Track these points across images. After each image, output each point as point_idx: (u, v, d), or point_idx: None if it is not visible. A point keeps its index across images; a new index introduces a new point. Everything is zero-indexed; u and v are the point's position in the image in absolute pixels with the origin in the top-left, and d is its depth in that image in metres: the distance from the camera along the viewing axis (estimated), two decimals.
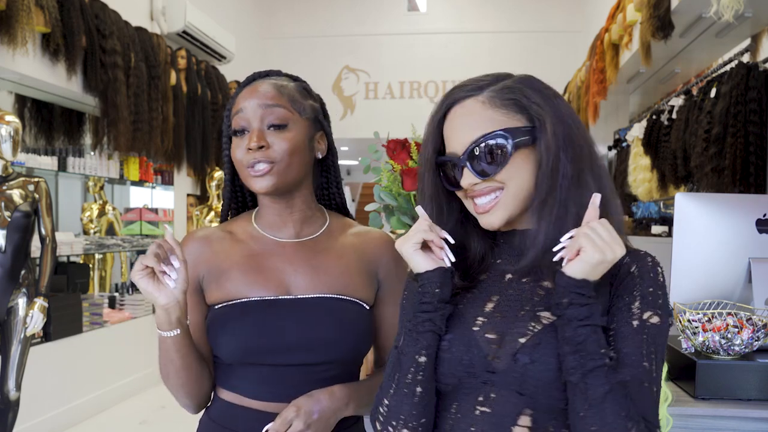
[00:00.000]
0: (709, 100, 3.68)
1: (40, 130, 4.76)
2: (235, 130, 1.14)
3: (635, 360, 0.86)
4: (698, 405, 1.45)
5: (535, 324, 0.89)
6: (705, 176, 3.54)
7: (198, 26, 5.81)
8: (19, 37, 3.53)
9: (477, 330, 0.92)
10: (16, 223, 3.15)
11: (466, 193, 0.96)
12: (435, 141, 0.98)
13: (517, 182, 0.92)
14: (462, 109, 0.95)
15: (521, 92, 0.94)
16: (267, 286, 1.13)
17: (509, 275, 0.97)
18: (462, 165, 0.93)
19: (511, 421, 0.87)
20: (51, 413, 4.04)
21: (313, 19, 8.51)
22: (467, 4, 8.47)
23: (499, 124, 0.93)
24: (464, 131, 0.94)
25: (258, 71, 1.21)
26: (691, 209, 1.63)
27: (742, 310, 1.51)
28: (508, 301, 0.94)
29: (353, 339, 1.13)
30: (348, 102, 8.55)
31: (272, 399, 1.11)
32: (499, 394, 0.89)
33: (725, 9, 3.03)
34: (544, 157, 0.91)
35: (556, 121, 0.92)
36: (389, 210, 1.69)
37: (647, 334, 0.87)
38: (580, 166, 0.92)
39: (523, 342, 0.88)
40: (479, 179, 0.93)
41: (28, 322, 3.16)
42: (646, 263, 0.91)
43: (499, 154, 0.91)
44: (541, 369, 0.86)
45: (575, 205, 0.91)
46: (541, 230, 0.90)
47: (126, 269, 5.86)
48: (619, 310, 0.89)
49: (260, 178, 1.12)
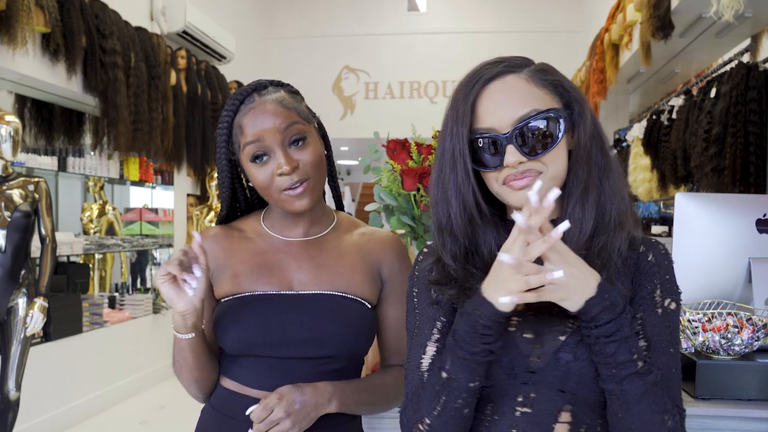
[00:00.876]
0: (709, 100, 3.68)
1: (40, 130, 4.76)
2: (255, 157, 1.14)
3: (664, 348, 0.89)
4: (698, 405, 1.45)
5: (574, 319, 0.88)
6: (705, 176, 3.54)
7: (198, 26, 5.81)
8: (19, 37, 3.53)
9: (513, 330, 0.90)
10: (16, 223, 3.15)
11: (502, 177, 0.90)
12: (470, 118, 0.90)
13: (557, 166, 0.90)
14: (504, 84, 0.90)
15: (558, 75, 0.93)
16: (271, 281, 1.16)
17: None
18: (507, 142, 0.88)
19: (553, 419, 0.87)
20: (51, 413, 4.04)
21: (313, 19, 8.51)
22: (467, 4, 8.46)
23: (546, 103, 0.90)
24: (509, 107, 0.89)
25: (243, 89, 1.17)
26: (691, 209, 1.63)
27: (742, 310, 1.51)
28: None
29: (354, 335, 1.15)
30: (348, 102, 8.55)
31: (268, 388, 1.14)
32: (539, 393, 0.88)
33: (725, 9, 3.03)
34: (582, 144, 0.91)
35: (589, 109, 0.93)
36: (389, 210, 1.69)
37: (670, 321, 0.91)
38: (608, 157, 0.92)
39: (563, 339, 0.88)
40: (526, 158, 0.88)
41: (28, 322, 3.16)
42: (660, 251, 0.94)
43: (550, 134, 0.89)
44: (583, 366, 0.87)
45: (612, 192, 0.91)
46: (587, 215, 0.89)
47: (126, 269, 5.86)
48: (643, 299, 0.91)
49: (298, 199, 1.14)
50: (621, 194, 0.92)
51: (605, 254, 0.89)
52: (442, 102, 8.28)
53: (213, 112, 6.16)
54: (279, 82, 1.21)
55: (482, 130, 0.90)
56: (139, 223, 5.74)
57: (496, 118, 0.89)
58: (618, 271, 0.90)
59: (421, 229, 1.62)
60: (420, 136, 1.69)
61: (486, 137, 0.89)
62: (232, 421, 1.15)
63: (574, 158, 0.91)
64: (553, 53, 7.90)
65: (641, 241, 0.94)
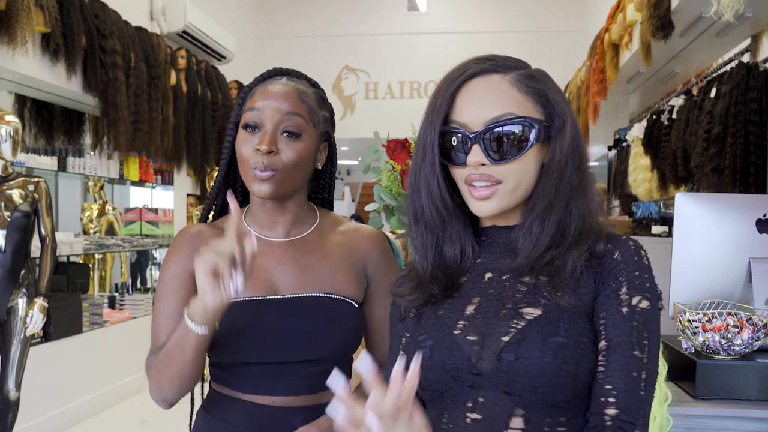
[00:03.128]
0: (709, 100, 3.68)
1: (40, 130, 4.76)
2: (246, 124, 1.14)
3: (625, 349, 0.83)
4: (698, 405, 1.45)
5: (518, 321, 0.86)
6: (705, 176, 3.54)
7: (198, 26, 5.81)
8: (19, 37, 3.53)
9: (458, 333, 0.89)
10: (16, 223, 3.15)
11: (464, 176, 0.89)
12: (446, 110, 0.90)
13: (520, 178, 0.88)
14: (486, 83, 0.89)
15: (547, 84, 0.90)
16: (256, 286, 1.14)
17: (489, 274, 0.93)
18: (474, 141, 0.87)
19: (503, 425, 0.84)
20: (51, 413, 4.04)
21: (313, 19, 8.51)
22: (467, 4, 8.46)
23: (524, 110, 0.88)
24: (485, 106, 0.87)
25: (279, 68, 1.20)
26: (691, 209, 1.63)
27: (742, 310, 1.51)
28: (489, 302, 0.90)
29: (342, 336, 1.15)
30: (348, 102, 8.55)
31: (264, 393, 1.13)
32: (487, 397, 0.85)
33: (725, 9, 3.03)
34: (555, 159, 0.88)
35: (572, 125, 0.89)
36: (389, 210, 1.69)
37: (637, 321, 0.84)
38: (583, 177, 0.89)
39: (506, 340, 0.85)
40: (489, 161, 0.87)
41: (28, 322, 3.16)
42: (629, 248, 0.88)
43: (518, 142, 0.87)
44: (526, 365, 0.83)
45: (578, 213, 0.88)
46: (545, 233, 0.88)
47: (126, 269, 5.86)
48: (606, 298, 0.86)
49: (261, 183, 1.12)
50: (589, 216, 0.89)
51: (552, 269, 0.87)
52: None
53: (213, 112, 6.16)
54: (316, 83, 1.22)
55: (455, 125, 0.89)
56: (139, 223, 5.74)
57: (469, 116, 0.88)
58: (577, 279, 0.86)
59: None
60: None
61: (456, 132, 0.88)
62: (226, 425, 1.14)
63: (545, 172, 0.89)
64: (552, 53, 7.92)
65: (609, 240, 0.89)
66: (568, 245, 0.87)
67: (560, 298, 0.85)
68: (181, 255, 1.17)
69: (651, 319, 0.85)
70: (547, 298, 0.86)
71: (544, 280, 0.87)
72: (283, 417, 1.13)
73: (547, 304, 0.86)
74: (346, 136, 8.19)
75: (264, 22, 8.47)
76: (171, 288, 1.16)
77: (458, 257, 0.94)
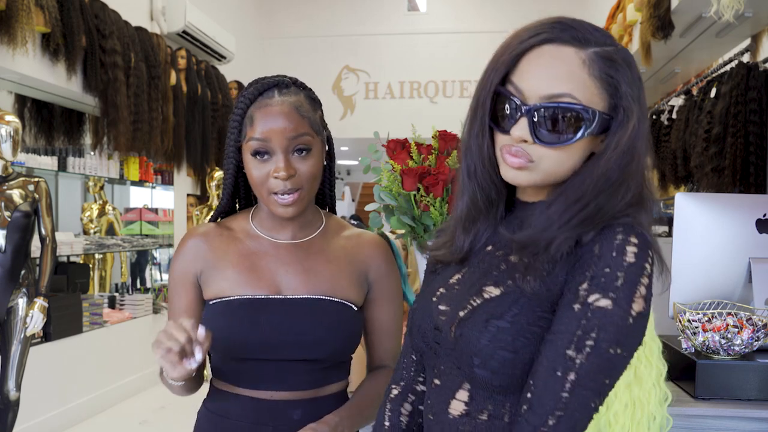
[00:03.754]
0: (709, 100, 3.68)
1: (40, 130, 4.76)
2: (256, 151, 1.14)
3: (559, 346, 0.75)
4: (698, 405, 1.45)
5: (476, 298, 0.84)
6: (705, 176, 3.54)
7: (198, 26, 5.81)
8: (19, 37, 3.53)
9: (435, 301, 0.91)
10: (16, 223, 3.15)
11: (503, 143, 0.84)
12: (506, 69, 0.83)
13: (558, 165, 0.82)
14: (557, 53, 0.81)
15: (623, 74, 0.81)
16: (260, 285, 1.17)
17: (490, 246, 0.90)
18: (524, 114, 0.80)
19: (450, 395, 0.86)
20: (51, 413, 4.04)
21: (313, 19, 8.51)
22: (467, 4, 8.46)
23: (587, 95, 0.80)
24: (548, 79, 0.80)
25: (266, 80, 1.17)
26: (691, 209, 1.63)
27: (742, 310, 1.51)
28: (472, 274, 0.89)
29: (341, 339, 1.18)
30: (348, 102, 8.55)
31: (260, 387, 1.16)
32: (445, 366, 0.87)
33: (725, 9, 3.03)
34: (606, 155, 0.80)
35: (636, 122, 0.81)
36: (389, 210, 1.69)
37: (588, 319, 0.75)
38: (625, 175, 0.81)
39: (461, 315, 0.84)
40: (532, 140, 0.81)
41: (28, 322, 3.16)
42: (612, 241, 0.77)
43: (567, 129, 0.80)
44: (465, 342, 0.81)
45: (598, 216, 0.80)
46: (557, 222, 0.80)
47: (126, 269, 5.86)
48: (567, 291, 0.78)
49: (286, 207, 1.15)
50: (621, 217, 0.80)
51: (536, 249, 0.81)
52: (442, 102, 8.35)
53: (213, 112, 6.16)
54: (303, 84, 1.21)
55: (512, 88, 0.82)
56: (139, 223, 5.74)
57: (530, 84, 0.81)
58: (553, 265, 0.80)
59: (421, 229, 1.62)
60: (420, 136, 1.69)
61: (509, 98, 0.82)
62: (227, 420, 1.18)
63: (590, 165, 0.82)
64: None
65: (602, 231, 0.79)
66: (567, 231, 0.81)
67: (526, 282, 0.81)
68: (185, 258, 1.21)
69: (609, 320, 0.75)
70: (514, 280, 0.83)
71: (525, 262, 0.83)
72: (282, 410, 1.16)
73: (510, 285, 0.83)
74: (346, 136, 8.19)
75: (264, 22, 8.47)
76: (178, 289, 1.22)
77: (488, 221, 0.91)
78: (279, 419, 1.16)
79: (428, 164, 1.60)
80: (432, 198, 1.56)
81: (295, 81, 1.20)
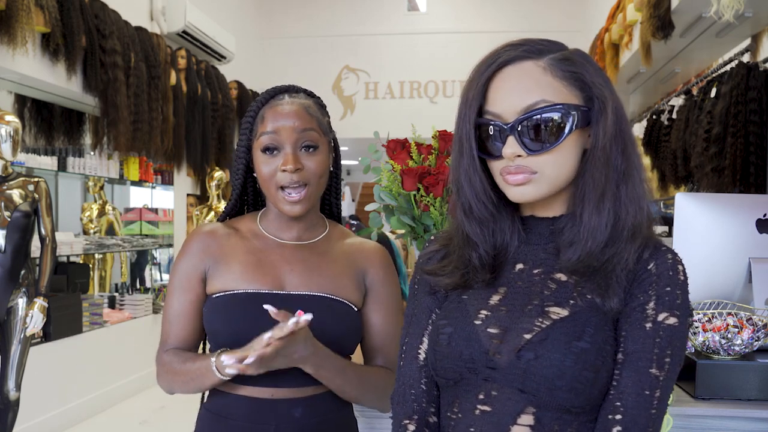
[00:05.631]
0: (709, 100, 3.68)
1: (40, 130, 4.76)
2: (266, 147, 1.19)
3: (642, 366, 0.81)
4: (698, 405, 1.45)
5: (543, 319, 0.84)
6: (705, 176, 3.54)
7: (198, 26, 5.81)
8: (19, 37, 3.53)
9: (479, 324, 0.87)
10: (16, 223, 3.15)
11: (500, 168, 0.86)
12: (479, 101, 0.86)
13: (558, 168, 0.85)
14: (518, 71, 0.85)
15: (583, 67, 0.86)
16: (264, 280, 1.20)
17: (520, 265, 0.90)
18: (509, 132, 0.84)
19: (511, 420, 0.83)
20: (51, 413, 4.04)
21: (313, 19, 8.51)
22: (467, 4, 8.46)
23: (560, 96, 0.84)
24: (519, 95, 0.84)
25: (277, 87, 1.25)
26: (691, 209, 1.63)
27: (742, 310, 1.51)
28: (515, 294, 0.88)
29: (340, 335, 1.20)
30: (348, 102, 8.55)
31: (261, 385, 1.17)
32: (500, 391, 0.84)
33: (725, 9, 3.03)
34: (599, 145, 0.84)
35: (614, 107, 0.85)
36: (389, 210, 1.69)
37: (661, 338, 0.81)
38: (630, 161, 0.85)
39: (528, 338, 0.83)
40: (525, 153, 0.83)
41: (28, 322, 3.16)
42: (666, 260, 0.84)
43: (555, 131, 0.83)
44: (545, 365, 0.81)
45: (629, 202, 0.84)
46: (603, 224, 0.84)
47: (126, 269, 5.86)
48: (632, 310, 0.83)
49: (293, 205, 1.19)
50: (639, 203, 0.85)
51: (610, 266, 0.84)
52: (442, 102, 8.35)
53: (213, 112, 6.16)
54: (312, 93, 1.27)
55: (489, 116, 0.86)
56: (139, 223, 5.74)
57: (503, 105, 0.84)
58: (618, 283, 0.83)
59: (421, 229, 1.62)
60: (420, 136, 1.69)
61: (490, 124, 0.85)
62: (229, 421, 1.18)
63: (591, 159, 0.85)
64: None
65: (650, 248, 0.85)
66: (624, 240, 0.84)
67: (607, 299, 0.82)
68: (191, 256, 1.23)
69: (677, 336, 0.82)
70: (577, 299, 0.84)
71: (577, 280, 0.85)
72: (284, 409, 1.17)
73: (576, 305, 0.84)
74: (346, 136, 8.19)
75: (264, 22, 8.46)
76: (180, 287, 1.23)
77: (506, 246, 0.92)
78: (281, 418, 1.17)
79: (428, 164, 1.60)
80: (432, 198, 1.56)
81: (305, 90, 1.27)
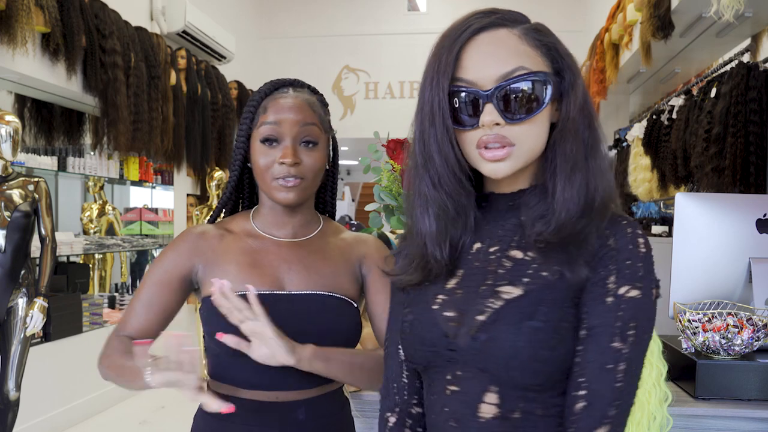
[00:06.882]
0: (709, 100, 3.68)
1: (40, 130, 4.76)
2: (266, 138, 1.19)
3: (604, 340, 0.79)
4: (698, 405, 1.45)
5: (495, 300, 0.83)
6: (705, 176, 3.54)
7: (198, 26, 5.81)
8: (19, 37, 3.53)
9: (436, 309, 0.87)
10: (16, 223, 3.15)
11: (476, 139, 0.83)
12: (452, 69, 0.83)
13: (533, 140, 0.83)
14: (493, 38, 0.83)
15: (555, 38, 0.85)
16: (263, 281, 1.18)
17: (477, 244, 0.89)
18: (487, 100, 0.81)
19: (478, 398, 0.83)
20: (51, 413, 4.04)
21: (313, 19, 8.50)
22: (467, 4, 8.34)
23: (537, 64, 0.82)
24: (496, 61, 0.82)
25: (282, 79, 1.25)
26: (691, 209, 1.63)
27: (742, 310, 1.51)
28: (471, 275, 0.87)
29: (342, 333, 1.19)
30: (348, 102, 8.55)
31: (264, 388, 1.15)
32: (464, 371, 0.84)
33: (725, 9, 3.03)
34: (570, 116, 0.83)
35: (581, 81, 0.84)
36: (389, 210, 1.69)
37: (623, 311, 0.79)
38: (595, 134, 0.85)
39: (481, 320, 0.82)
40: (504, 121, 0.81)
41: (28, 322, 3.16)
42: (626, 234, 0.82)
43: (534, 99, 0.81)
44: (499, 346, 0.81)
45: (598, 173, 0.83)
46: (575, 197, 0.82)
47: (126, 269, 5.86)
48: (593, 286, 0.81)
49: (288, 191, 1.17)
50: (606, 175, 0.84)
51: (582, 237, 0.82)
52: None
53: (213, 112, 6.16)
54: (315, 90, 1.28)
55: (463, 83, 0.82)
56: (139, 223, 5.74)
57: (480, 73, 0.82)
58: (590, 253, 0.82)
59: None
60: None
61: (466, 91, 0.82)
62: (231, 425, 1.16)
63: (560, 132, 0.84)
64: None
65: (611, 223, 0.83)
66: (596, 212, 0.83)
67: (578, 268, 0.81)
68: (177, 253, 1.21)
69: (641, 308, 0.80)
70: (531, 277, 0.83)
71: (534, 257, 0.84)
72: (287, 411, 1.16)
73: (530, 283, 0.82)
74: (346, 136, 8.19)
75: (264, 22, 8.46)
76: (157, 280, 1.20)
77: (465, 226, 0.89)
78: (285, 420, 1.15)
79: None
80: None
81: (309, 86, 1.27)
